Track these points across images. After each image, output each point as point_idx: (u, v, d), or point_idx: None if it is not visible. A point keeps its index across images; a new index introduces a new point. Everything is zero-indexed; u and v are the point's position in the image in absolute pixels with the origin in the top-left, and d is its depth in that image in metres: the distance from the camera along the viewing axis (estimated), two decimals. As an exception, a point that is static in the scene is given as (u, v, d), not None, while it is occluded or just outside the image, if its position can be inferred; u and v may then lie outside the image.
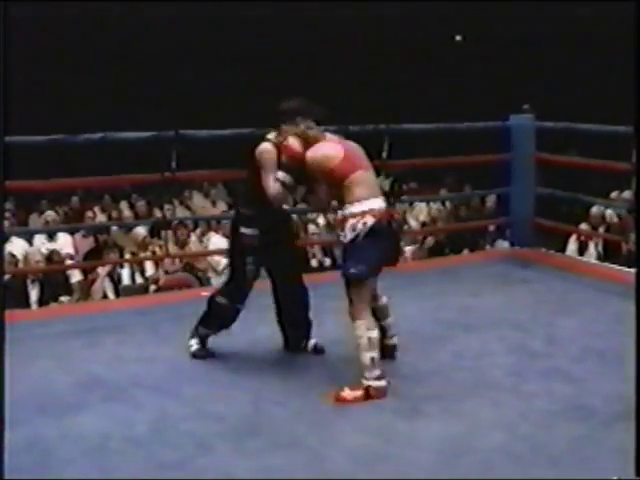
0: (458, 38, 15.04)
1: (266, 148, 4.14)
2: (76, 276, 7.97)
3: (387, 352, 4.31)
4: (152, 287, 7.75)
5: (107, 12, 12.24)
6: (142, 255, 8.35)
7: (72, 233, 9.12)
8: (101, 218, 10.26)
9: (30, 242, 8.69)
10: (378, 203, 4.00)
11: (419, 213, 10.86)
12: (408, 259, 8.87)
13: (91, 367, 4.38)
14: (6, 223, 8.85)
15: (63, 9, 11.57)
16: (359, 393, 3.87)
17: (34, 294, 7.40)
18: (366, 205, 3.94)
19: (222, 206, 11.68)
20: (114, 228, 9.21)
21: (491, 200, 10.64)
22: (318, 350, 4.60)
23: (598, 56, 11.55)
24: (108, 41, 12.55)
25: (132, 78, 12.64)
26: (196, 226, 9.43)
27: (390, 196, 9.51)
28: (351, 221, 3.93)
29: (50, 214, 9.65)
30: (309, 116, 4.13)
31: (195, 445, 3.39)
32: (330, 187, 4.06)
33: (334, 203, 4.17)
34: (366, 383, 3.88)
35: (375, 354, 3.91)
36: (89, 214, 10.08)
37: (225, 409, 3.76)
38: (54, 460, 3.32)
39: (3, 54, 2.75)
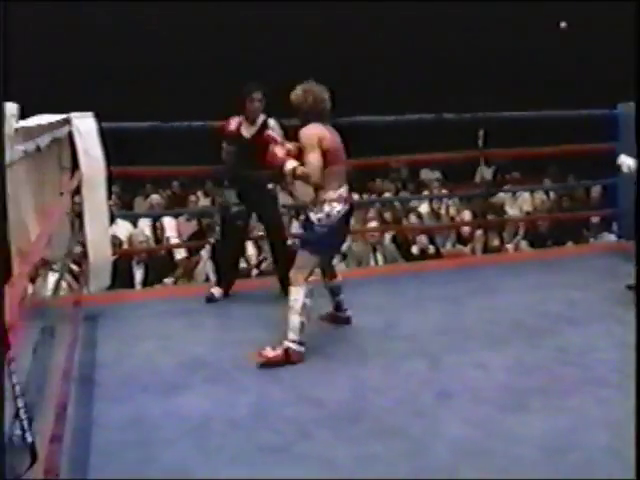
0: (563, 25, 14.67)
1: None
2: (181, 253, 8.16)
3: (343, 322, 4.81)
4: (254, 271, 7.82)
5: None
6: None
7: (176, 216, 9.29)
8: (204, 202, 10.42)
9: (135, 224, 8.90)
10: (346, 190, 4.42)
11: (522, 203, 10.67)
12: (510, 250, 8.74)
13: (194, 349, 4.46)
14: (113, 205, 9.06)
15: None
16: (279, 352, 4.17)
17: (139, 275, 7.55)
18: (342, 191, 4.39)
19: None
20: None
21: (596, 191, 10.38)
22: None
23: None
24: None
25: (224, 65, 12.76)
26: (298, 213, 9.44)
27: (492, 185, 9.42)
28: (327, 207, 4.33)
29: (155, 198, 9.85)
30: None
31: (295, 430, 3.41)
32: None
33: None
34: (287, 344, 4.19)
35: (305, 320, 4.23)
36: (192, 198, 10.26)
37: (325, 395, 3.77)
38: (157, 438, 3.38)
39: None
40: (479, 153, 6.96)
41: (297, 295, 4.23)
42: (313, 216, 4.35)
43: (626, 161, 4.78)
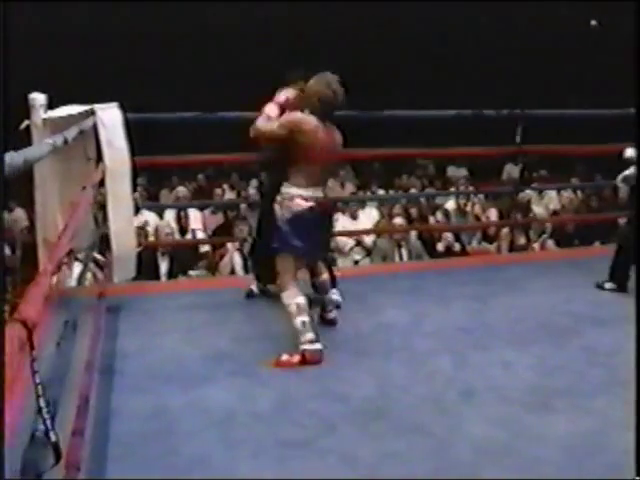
0: (593, 23, 14.57)
1: None
2: (205, 247, 8.18)
3: (327, 323, 4.66)
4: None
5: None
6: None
7: (201, 209, 9.31)
8: (230, 195, 10.43)
9: (161, 216, 8.93)
10: (317, 192, 4.18)
11: (549, 201, 10.59)
12: (536, 249, 8.68)
13: (218, 341, 4.44)
14: (138, 197, 9.10)
15: None
16: (296, 358, 4.08)
17: (164, 266, 7.57)
18: (306, 192, 4.13)
19: (350, 187, 11.68)
20: (244, 205, 9.34)
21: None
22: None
23: None
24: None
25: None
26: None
27: (518, 183, 9.36)
28: (288, 203, 4.14)
29: (181, 190, 9.88)
30: None
31: (319, 425, 3.39)
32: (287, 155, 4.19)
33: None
34: (302, 348, 4.10)
35: (305, 318, 4.13)
36: (218, 191, 10.27)
37: (349, 390, 3.74)
38: (179, 430, 3.37)
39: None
40: (515, 150, 6.92)
41: (287, 300, 4.17)
42: (278, 211, 4.19)
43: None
